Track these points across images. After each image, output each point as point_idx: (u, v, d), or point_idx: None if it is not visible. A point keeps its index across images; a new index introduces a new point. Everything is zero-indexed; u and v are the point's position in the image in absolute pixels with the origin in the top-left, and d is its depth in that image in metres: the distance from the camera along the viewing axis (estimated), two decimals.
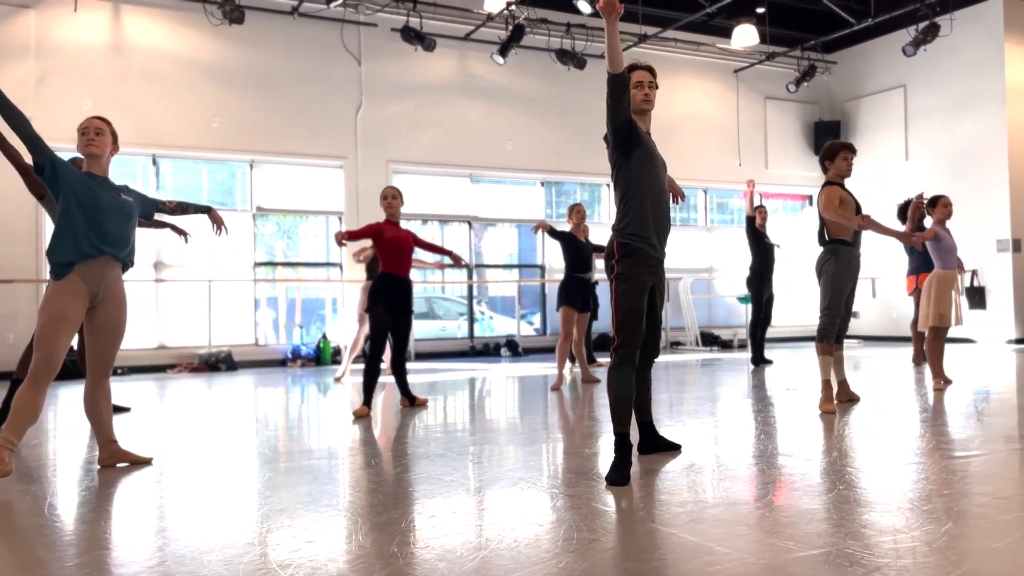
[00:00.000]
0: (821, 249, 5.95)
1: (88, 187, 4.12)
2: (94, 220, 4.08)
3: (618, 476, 3.61)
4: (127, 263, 4.27)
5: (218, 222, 4.83)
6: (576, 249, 7.92)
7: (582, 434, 5.10)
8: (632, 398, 3.86)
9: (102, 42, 10.86)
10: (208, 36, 11.34)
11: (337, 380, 9.04)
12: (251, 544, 2.81)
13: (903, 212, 9.23)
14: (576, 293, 7.86)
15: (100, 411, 4.25)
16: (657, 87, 4.03)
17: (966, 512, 3.01)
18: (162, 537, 2.96)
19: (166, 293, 11.21)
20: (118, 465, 4.28)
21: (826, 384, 5.74)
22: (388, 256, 6.24)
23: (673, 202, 4.49)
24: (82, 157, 4.26)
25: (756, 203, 9.90)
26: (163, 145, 11.14)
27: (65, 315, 3.97)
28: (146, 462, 4.34)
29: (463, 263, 6.86)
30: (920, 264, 9.27)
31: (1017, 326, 13.17)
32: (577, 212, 8.06)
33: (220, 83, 11.46)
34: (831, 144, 6.00)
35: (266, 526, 3.05)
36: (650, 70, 4.02)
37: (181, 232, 5.37)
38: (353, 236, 6.24)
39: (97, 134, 4.21)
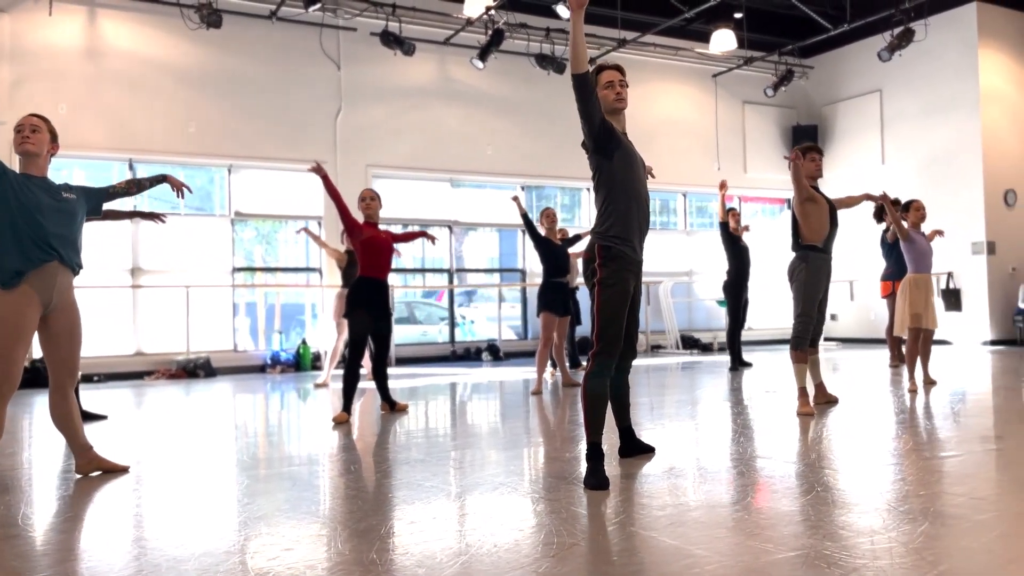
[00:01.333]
0: (793, 255, 6.00)
1: (25, 189, 3.94)
2: (35, 223, 3.91)
3: (597, 481, 3.61)
4: (75, 267, 4.11)
5: (177, 185, 4.64)
6: (552, 254, 7.88)
7: (563, 439, 5.10)
8: (606, 405, 3.81)
9: (77, 46, 10.75)
10: (185, 40, 11.27)
11: (318, 386, 8.98)
12: (229, 552, 2.79)
13: (879, 214, 9.35)
14: (555, 298, 7.84)
15: (70, 421, 4.15)
16: (627, 85, 3.98)
17: (942, 513, 3.04)
18: (138, 546, 2.93)
19: (143, 299, 11.10)
20: (94, 473, 4.23)
21: (802, 391, 5.78)
22: (367, 257, 6.14)
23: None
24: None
25: (728, 206, 9.94)
26: (139, 150, 11.04)
27: (19, 327, 3.85)
28: (123, 470, 4.29)
29: (429, 236, 6.80)
30: (895, 269, 9.36)
31: (992, 328, 13.34)
32: (547, 216, 7.99)
33: (197, 87, 11.38)
34: (801, 147, 6.05)
35: (244, 534, 3.03)
36: (619, 69, 3.97)
37: (152, 216, 5.11)
38: (334, 192, 6.05)
39: (33, 131, 4.06)
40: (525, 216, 7.78)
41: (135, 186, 4.56)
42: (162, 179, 4.60)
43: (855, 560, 2.51)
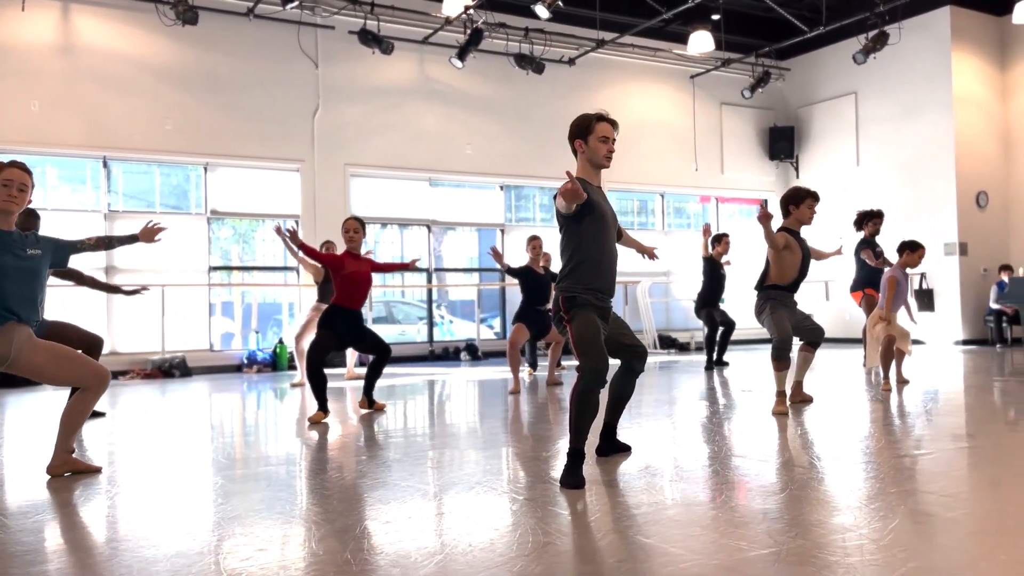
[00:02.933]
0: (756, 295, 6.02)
1: None
2: None
3: (573, 480, 3.62)
4: (33, 324, 4.01)
5: (150, 236, 4.48)
6: (532, 281, 8.01)
7: (541, 438, 5.11)
8: (594, 416, 3.75)
9: (51, 42, 10.61)
10: (161, 37, 11.15)
11: (295, 386, 8.93)
12: (201, 553, 2.76)
13: (860, 222, 9.25)
14: (531, 321, 7.92)
15: (76, 422, 4.13)
16: (615, 139, 3.90)
17: (913, 510, 3.08)
18: (109, 548, 2.90)
19: (118, 298, 10.96)
20: (66, 474, 4.17)
21: (780, 394, 5.81)
22: (344, 289, 6.14)
23: (651, 259, 4.70)
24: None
25: (718, 234, 10.09)
26: (114, 147, 10.91)
27: None
28: (96, 471, 4.24)
29: (413, 266, 6.84)
30: (862, 276, 9.41)
31: (964, 328, 13.52)
32: (533, 247, 8.12)
33: (173, 85, 11.28)
34: (798, 190, 5.95)
35: (218, 534, 3.00)
36: (613, 124, 3.90)
37: (134, 291, 4.90)
38: (306, 250, 6.09)
39: (20, 191, 3.93)
40: (506, 269, 7.93)
41: (104, 243, 4.42)
42: (134, 239, 4.46)
43: (827, 557, 2.54)
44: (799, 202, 5.88)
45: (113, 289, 4.80)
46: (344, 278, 6.12)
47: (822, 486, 3.54)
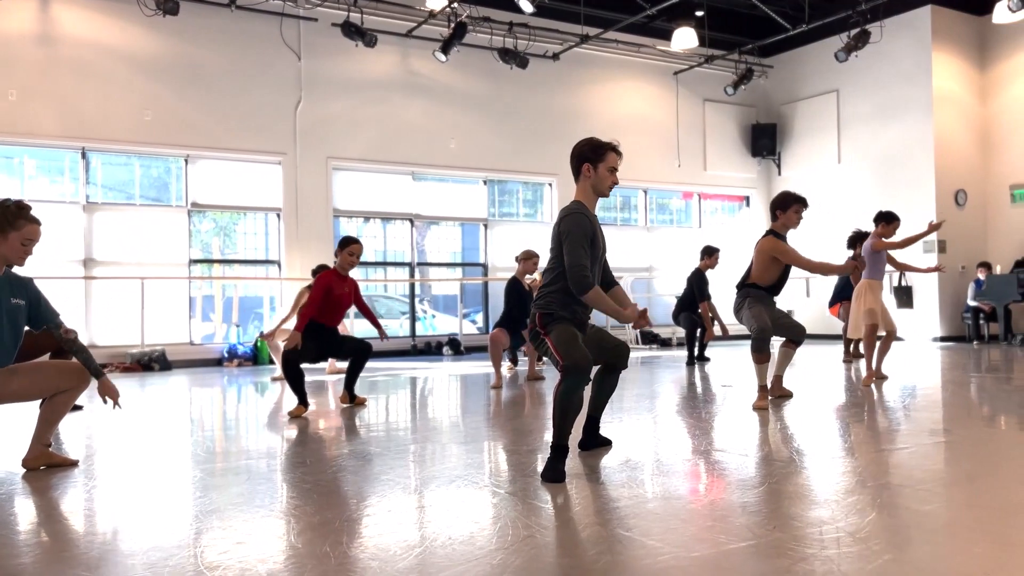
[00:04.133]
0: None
1: None
2: None
3: (554, 474, 3.62)
4: (5, 363, 3.93)
5: (109, 394, 4.12)
6: (518, 297, 8.08)
7: (522, 432, 5.11)
8: (577, 414, 3.76)
9: (29, 31, 10.47)
10: (140, 27, 11.04)
11: (275, 379, 8.89)
12: (179, 547, 2.74)
13: (853, 243, 9.20)
14: (512, 330, 7.97)
15: (56, 416, 4.11)
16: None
17: (889, 503, 3.11)
18: (85, 541, 2.87)
19: (97, 291, 10.87)
20: (42, 468, 4.13)
21: (762, 388, 5.85)
22: (325, 309, 6.18)
23: (635, 327, 4.52)
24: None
25: (711, 247, 10.16)
26: (93, 138, 10.80)
27: None
28: (72, 464, 4.19)
29: (384, 336, 6.81)
30: (842, 291, 9.51)
31: (942, 324, 13.66)
32: (527, 260, 8.22)
33: (153, 76, 11.17)
34: (787, 195, 6.02)
35: (196, 527, 2.98)
36: (621, 155, 3.98)
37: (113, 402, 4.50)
38: (302, 319, 6.01)
39: (34, 246, 3.88)
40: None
41: (72, 346, 4.11)
42: (97, 376, 4.10)
43: (804, 550, 2.56)
44: (786, 207, 5.95)
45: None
46: (330, 300, 6.19)
47: (801, 480, 3.57)
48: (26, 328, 4.08)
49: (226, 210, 12.10)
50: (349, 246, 6.28)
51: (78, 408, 6.53)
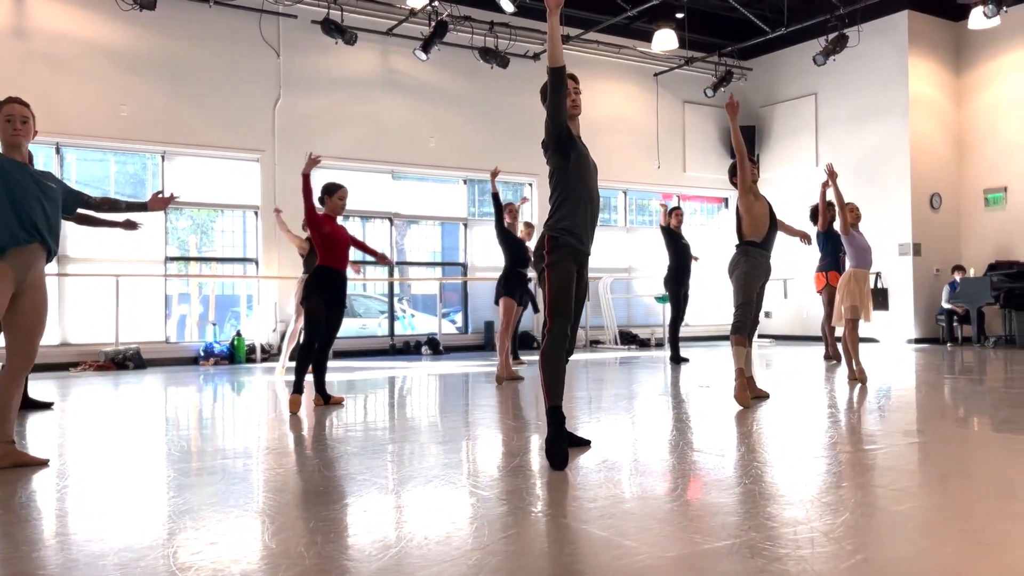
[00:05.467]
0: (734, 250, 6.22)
1: (15, 173, 4.04)
2: (25, 206, 4.02)
3: (559, 453, 3.86)
4: (52, 252, 4.20)
5: (159, 204, 4.83)
6: (515, 246, 8.23)
7: (500, 432, 5.11)
8: (563, 372, 4.07)
9: (3, 25, 10.31)
10: (117, 21, 10.91)
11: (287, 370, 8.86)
12: (151, 547, 2.71)
13: (815, 215, 9.67)
14: (515, 286, 8.13)
15: (10, 408, 4.09)
16: (580, 92, 4.31)
17: (863, 504, 3.13)
18: (56, 541, 2.83)
19: (70, 287, 10.73)
20: (10, 467, 4.07)
21: (739, 372, 5.93)
22: (325, 249, 6.30)
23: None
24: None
25: (672, 205, 10.30)
26: (68, 133, 10.65)
27: None
28: (42, 464, 4.13)
29: (388, 261, 7.06)
30: (830, 262, 9.67)
31: (916, 326, 13.81)
32: (510, 212, 8.36)
33: (130, 70, 11.04)
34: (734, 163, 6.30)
35: (168, 528, 2.95)
36: (573, 77, 4.25)
37: (132, 225, 5.16)
38: (307, 184, 6.22)
39: (23, 122, 4.15)
40: (496, 197, 8.13)
41: (109, 205, 4.66)
42: (143, 206, 4.77)
43: (778, 550, 2.57)
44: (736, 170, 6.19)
45: (112, 224, 5.11)
46: (324, 237, 6.29)
47: (776, 480, 3.59)
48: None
49: (203, 207, 11.99)
50: (338, 191, 6.51)
51: (48, 407, 6.44)
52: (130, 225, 5.16)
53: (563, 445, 3.92)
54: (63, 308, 10.65)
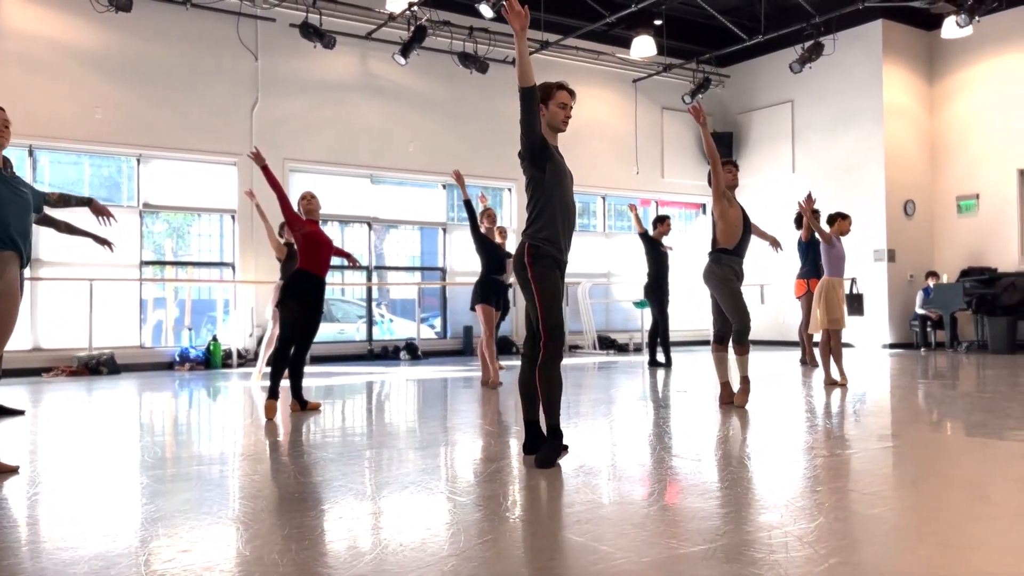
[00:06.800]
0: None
1: None
2: (1, 214, 4.00)
3: (551, 460, 4.04)
4: (26, 259, 4.18)
5: (102, 212, 4.81)
6: (492, 251, 8.17)
7: (478, 437, 5.10)
8: (562, 388, 4.17)
9: None
10: (92, 23, 10.79)
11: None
12: (122, 555, 2.68)
13: (799, 220, 9.89)
14: (491, 292, 8.08)
15: None
16: (572, 107, 4.33)
17: (837, 507, 3.16)
18: (26, 550, 2.78)
19: (43, 292, 10.59)
20: None
21: (744, 379, 6.18)
22: (307, 251, 6.26)
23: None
24: None
25: (661, 214, 10.53)
26: (41, 136, 10.52)
27: None
28: (12, 471, 4.07)
29: (353, 260, 7.09)
30: (811, 269, 9.83)
31: (891, 331, 13.96)
32: (488, 216, 8.27)
33: (105, 73, 10.93)
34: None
35: (140, 536, 2.91)
36: (571, 92, 4.31)
37: (104, 242, 5.28)
38: (274, 182, 6.31)
39: (5, 126, 4.16)
40: (468, 204, 7.98)
41: (63, 201, 4.82)
42: (87, 202, 4.86)
43: (753, 554, 2.59)
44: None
45: (87, 234, 5.27)
46: (306, 237, 6.25)
47: (751, 485, 3.61)
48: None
49: (179, 211, 11.88)
50: (304, 193, 6.61)
51: (19, 413, 6.35)
52: (104, 242, 5.26)
53: (554, 455, 4.07)
54: (35, 313, 10.51)
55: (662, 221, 10.46)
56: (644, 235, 10.26)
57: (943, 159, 14.52)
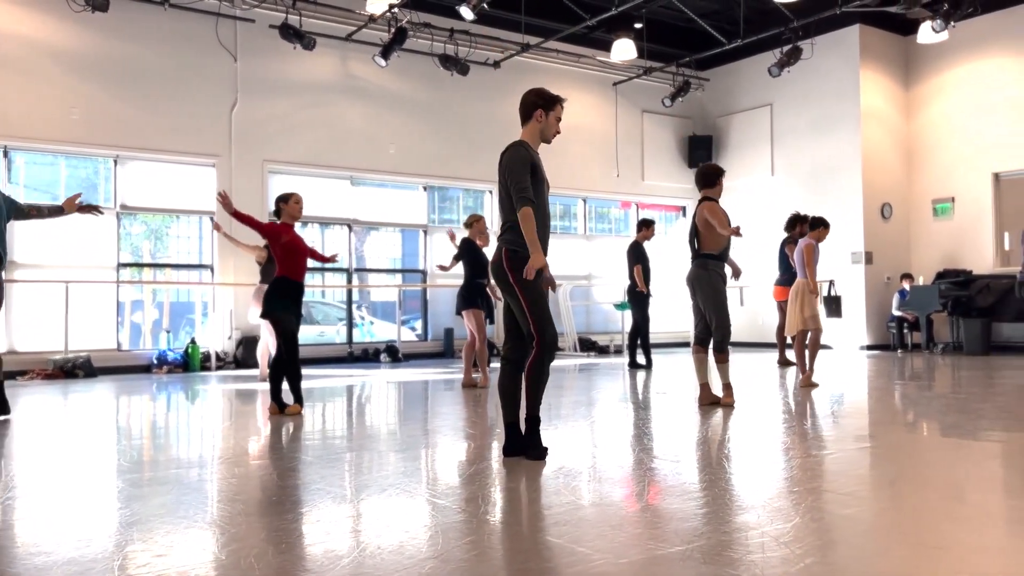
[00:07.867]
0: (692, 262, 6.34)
1: None
2: None
3: (539, 452, 4.20)
4: (3, 262, 4.33)
5: (72, 205, 4.98)
6: (475, 255, 8.27)
7: (459, 440, 5.09)
8: (545, 383, 4.28)
9: None
10: (68, 23, 10.68)
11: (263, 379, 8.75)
12: (96, 560, 2.65)
13: (792, 223, 9.93)
14: (477, 296, 8.18)
15: None
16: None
17: (813, 508, 3.18)
18: None
19: (17, 294, 10.45)
20: None
21: (727, 386, 6.30)
22: (285, 259, 6.30)
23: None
24: None
25: (648, 219, 10.79)
26: (15, 136, 10.39)
27: None
28: None
29: (332, 259, 7.08)
30: (792, 276, 9.90)
31: (868, 333, 14.09)
32: (478, 226, 8.41)
33: (81, 73, 10.81)
34: (714, 169, 6.47)
35: (115, 540, 2.88)
36: (562, 104, 4.46)
37: (92, 208, 5.41)
38: (242, 217, 6.22)
39: None
40: (457, 257, 8.36)
41: (36, 212, 4.98)
42: (60, 209, 5.06)
43: (730, 555, 2.60)
44: (713, 182, 6.41)
45: (73, 209, 5.42)
46: (283, 247, 6.29)
47: (729, 486, 3.63)
48: None
49: (157, 213, 11.78)
50: (292, 196, 6.52)
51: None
52: (91, 208, 5.37)
53: (540, 450, 4.23)
54: (10, 315, 10.36)
55: (647, 225, 10.57)
56: (636, 244, 10.42)
57: (919, 163, 14.68)
